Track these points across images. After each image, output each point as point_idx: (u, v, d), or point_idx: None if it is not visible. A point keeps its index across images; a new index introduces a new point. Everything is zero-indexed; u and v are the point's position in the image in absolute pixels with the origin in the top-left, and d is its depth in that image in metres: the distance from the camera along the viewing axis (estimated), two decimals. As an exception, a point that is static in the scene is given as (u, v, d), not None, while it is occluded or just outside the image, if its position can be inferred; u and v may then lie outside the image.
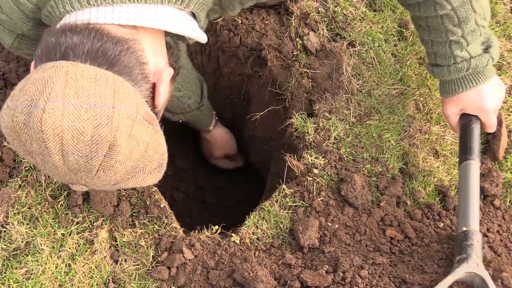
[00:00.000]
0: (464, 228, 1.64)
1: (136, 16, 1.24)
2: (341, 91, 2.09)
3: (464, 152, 1.79)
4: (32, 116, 1.08)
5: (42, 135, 1.08)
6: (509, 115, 2.09)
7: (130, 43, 1.23)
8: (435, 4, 1.62)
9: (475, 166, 1.75)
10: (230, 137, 2.71)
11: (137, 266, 1.74)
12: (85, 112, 1.09)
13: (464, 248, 1.60)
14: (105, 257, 1.75)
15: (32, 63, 1.25)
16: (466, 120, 1.84)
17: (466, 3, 1.62)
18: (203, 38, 1.42)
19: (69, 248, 1.74)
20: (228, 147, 2.73)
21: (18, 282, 1.69)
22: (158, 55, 1.33)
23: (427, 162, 1.97)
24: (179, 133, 2.81)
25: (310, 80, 2.14)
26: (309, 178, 1.88)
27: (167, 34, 1.40)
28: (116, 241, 1.77)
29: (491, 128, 1.85)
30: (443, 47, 1.73)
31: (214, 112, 2.51)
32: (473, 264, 1.57)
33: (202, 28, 1.47)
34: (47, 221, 1.77)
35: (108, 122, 1.11)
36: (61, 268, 1.72)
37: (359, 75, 2.14)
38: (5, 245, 1.74)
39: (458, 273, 1.56)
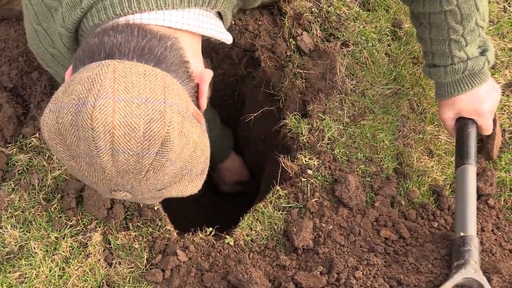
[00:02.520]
0: (462, 234, 1.65)
1: (183, 20, 1.25)
2: (335, 91, 2.09)
3: (461, 157, 1.80)
4: (81, 114, 1.05)
5: (92, 133, 1.05)
6: (503, 114, 2.09)
7: (173, 40, 1.22)
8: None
9: (472, 171, 1.76)
10: (242, 165, 2.69)
11: (131, 269, 1.73)
12: (136, 107, 1.06)
13: (462, 253, 1.61)
14: (99, 260, 1.74)
15: (69, 69, 1.23)
16: (462, 123, 1.85)
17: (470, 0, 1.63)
18: (229, 39, 1.41)
19: (63, 252, 1.74)
20: (241, 175, 2.71)
21: (12, 286, 1.69)
22: (196, 58, 1.33)
23: (421, 162, 1.97)
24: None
25: (303, 81, 2.14)
26: (303, 179, 1.88)
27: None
28: (110, 244, 1.77)
29: (488, 130, 1.86)
30: (442, 45, 1.74)
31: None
32: (471, 270, 1.58)
33: (226, 27, 1.47)
34: (40, 225, 1.77)
35: (160, 117, 1.08)
36: (55, 272, 1.71)
37: (352, 75, 2.14)
38: (-2, 249, 1.74)
39: (456, 279, 1.57)
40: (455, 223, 1.72)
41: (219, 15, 1.43)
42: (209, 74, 1.30)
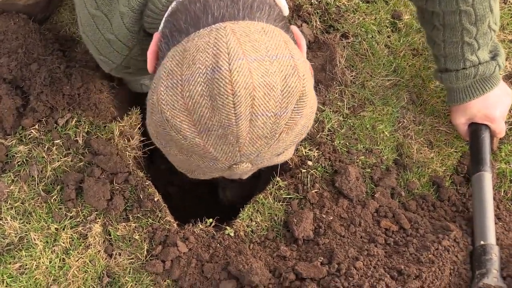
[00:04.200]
0: (482, 242, 1.67)
1: None
2: (334, 83, 2.08)
3: (477, 163, 1.82)
4: (216, 81, 0.99)
5: (232, 99, 0.99)
6: (503, 105, 2.08)
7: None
8: None
9: (488, 177, 1.78)
10: None
11: (132, 260, 1.73)
12: (270, 65, 1.01)
13: (483, 262, 1.64)
14: (99, 251, 1.74)
15: (154, 46, 1.19)
16: (475, 128, 1.88)
17: (485, 0, 1.63)
18: (287, 11, 1.36)
19: (63, 243, 1.74)
20: None
21: (12, 277, 1.69)
22: None
23: (421, 153, 1.97)
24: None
25: (303, 72, 2.13)
26: (303, 170, 1.88)
27: None
28: (110, 235, 1.77)
29: (501, 134, 1.89)
30: (455, 48, 1.75)
31: None
32: (493, 279, 1.60)
33: None
34: (40, 216, 1.77)
35: (294, 71, 1.03)
36: (55, 263, 1.71)
37: (352, 66, 2.14)
38: (-2, 240, 1.74)
39: None
40: (474, 231, 1.73)
41: None
42: (296, 29, 1.23)
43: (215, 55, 0.99)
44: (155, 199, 1.81)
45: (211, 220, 1.82)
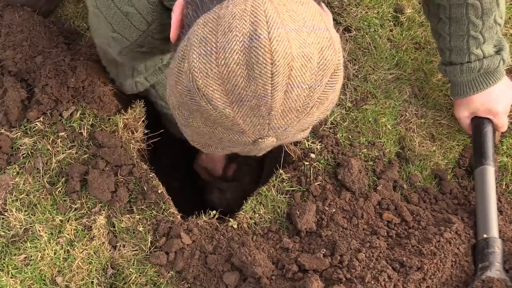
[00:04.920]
0: (485, 235, 1.68)
1: None
2: (337, 76, 2.09)
3: (479, 157, 1.83)
4: (255, 50, 0.96)
5: (271, 69, 0.96)
6: (505, 99, 2.09)
7: None
8: None
9: (491, 171, 1.80)
10: (218, 160, 2.44)
11: (136, 252, 1.75)
12: (307, 36, 0.99)
13: (486, 255, 1.65)
14: (103, 243, 1.76)
15: (178, 14, 1.16)
16: (478, 122, 1.89)
17: None
18: None
19: (68, 234, 1.75)
20: (213, 170, 2.43)
21: (17, 269, 1.70)
22: None
23: (423, 146, 1.98)
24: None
25: (306, 66, 2.14)
26: (306, 163, 1.89)
27: None
28: (114, 227, 1.78)
29: (503, 128, 1.90)
30: (461, 42, 1.76)
31: None
32: (496, 272, 1.61)
33: None
34: (45, 208, 1.78)
35: (330, 44, 1.01)
36: (60, 254, 1.73)
37: (355, 60, 2.15)
38: (3, 232, 1.75)
39: None
40: (477, 224, 1.75)
41: None
42: (324, 5, 1.21)
43: (253, 23, 0.97)
44: (159, 191, 1.82)
45: (214, 212, 1.83)
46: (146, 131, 1.99)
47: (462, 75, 1.81)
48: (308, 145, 1.93)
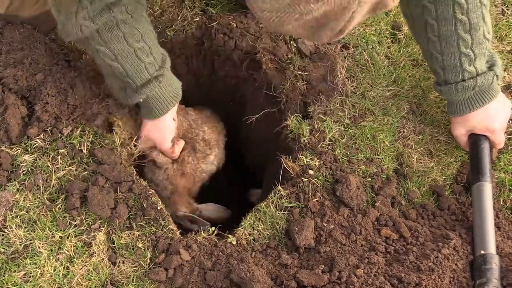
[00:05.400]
0: (482, 252, 1.69)
1: None
2: (335, 93, 2.11)
3: (476, 173, 1.85)
4: None
5: None
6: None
7: None
8: (453, 3, 1.66)
9: (488, 188, 1.81)
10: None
11: (135, 268, 1.75)
12: None
13: (484, 272, 1.66)
14: (103, 259, 1.76)
15: None
16: (475, 139, 1.91)
17: (478, 9, 1.68)
18: None
19: (67, 251, 1.75)
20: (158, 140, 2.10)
21: (17, 285, 1.70)
22: None
23: (421, 163, 1.99)
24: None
25: (304, 83, 2.16)
26: (304, 179, 1.90)
27: None
28: (113, 244, 1.78)
29: (500, 145, 1.92)
30: (453, 59, 1.78)
31: None
32: None
33: None
34: (45, 224, 1.78)
35: None
36: (59, 271, 1.73)
37: (353, 77, 2.16)
38: (3, 248, 1.75)
39: None
40: (474, 241, 1.76)
41: None
42: None
43: None
44: (158, 208, 1.83)
45: (213, 228, 1.84)
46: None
47: (458, 94, 1.82)
48: (307, 161, 1.94)
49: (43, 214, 1.80)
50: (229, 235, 1.82)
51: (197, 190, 2.29)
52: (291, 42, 2.23)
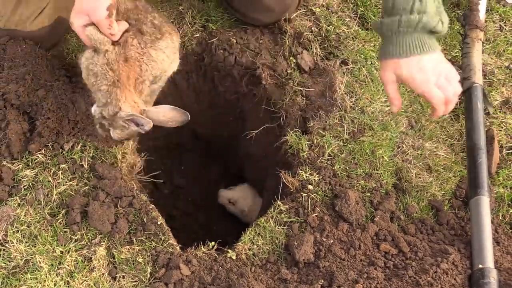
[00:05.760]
0: (480, 266, 1.69)
1: None
2: (334, 108, 2.12)
3: (474, 187, 1.86)
4: None
5: None
6: (500, 131, 2.12)
7: None
8: None
9: (486, 201, 1.82)
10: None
11: (135, 283, 1.75)
12: None
13: (482, 286, 1.67)
14: (103, 274, 1.77)
15: None
16: (472, 152, 1.90)
17: None
18: None
19: (68, 266, 1.76)
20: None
21: (17, 300, 1.71)
22: None
23: (420, 178, 2.00)
24: (175, 151, 2.83)
25: (304, 98, 2.18)
26: (303, 194, 1.91)
27: None
28: (114, 258, 1.79)
29: (435, 100, 1.73)
30: None
31: None
32: None
33: None
34: (45, 239, 1.79)
35: None
36: (60, 286, 1.73)
37: (352, 92, 2.18)
38: (4, 263, 1.76)
39: None
40: (472, 255, 1.77)
41: None
42: None
43: None
44: (159, 222, 1.84)
45: (213, 243, 1.85)
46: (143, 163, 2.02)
47: (400, 29, 1.67)
48: (306, 176, 1.95)
49: (44, 229, 1.81)
50: (229, 250, 1.83)
51: (149, 93, 1.88)
52: (291, 58, 2.25)
